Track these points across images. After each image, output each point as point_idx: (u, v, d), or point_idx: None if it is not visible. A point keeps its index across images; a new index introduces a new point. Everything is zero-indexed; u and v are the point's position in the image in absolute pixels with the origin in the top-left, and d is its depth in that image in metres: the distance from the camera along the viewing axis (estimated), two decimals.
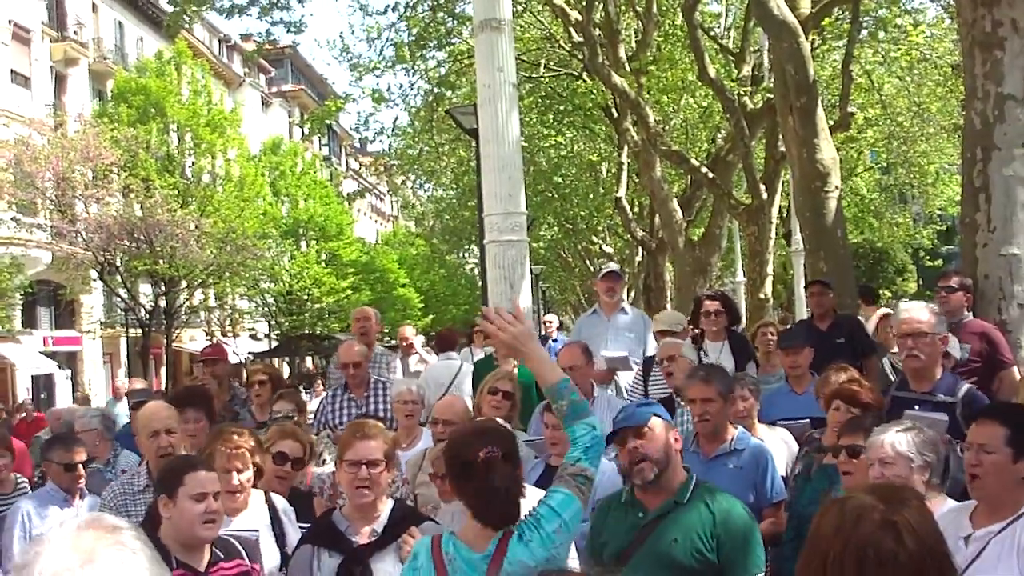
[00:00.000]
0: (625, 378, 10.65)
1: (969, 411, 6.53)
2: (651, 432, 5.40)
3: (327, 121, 32.11)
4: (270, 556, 5.91)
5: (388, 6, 26.81)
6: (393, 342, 25.03)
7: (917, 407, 6.80)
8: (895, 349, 11.80)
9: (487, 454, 4.50)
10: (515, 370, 9.61)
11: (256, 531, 5.92)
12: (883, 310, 14.24)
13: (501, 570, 4.32)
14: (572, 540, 4.57)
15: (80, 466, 7.98)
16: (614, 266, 13.10)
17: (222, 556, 5.31)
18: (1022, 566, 4.62)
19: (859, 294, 14.92)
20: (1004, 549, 4.71)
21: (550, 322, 20.02)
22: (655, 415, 5.52)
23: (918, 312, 7.20)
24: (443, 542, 4.45)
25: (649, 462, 5.33)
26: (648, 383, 10.31)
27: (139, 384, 20.97)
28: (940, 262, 51.67)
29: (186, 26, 32.06)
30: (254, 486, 6.26)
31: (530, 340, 4.90)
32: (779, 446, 7.65)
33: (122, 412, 16.71)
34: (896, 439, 5.14)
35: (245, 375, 12.41)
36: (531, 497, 5.87)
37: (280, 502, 6.39)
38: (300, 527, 6.28)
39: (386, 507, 5.51)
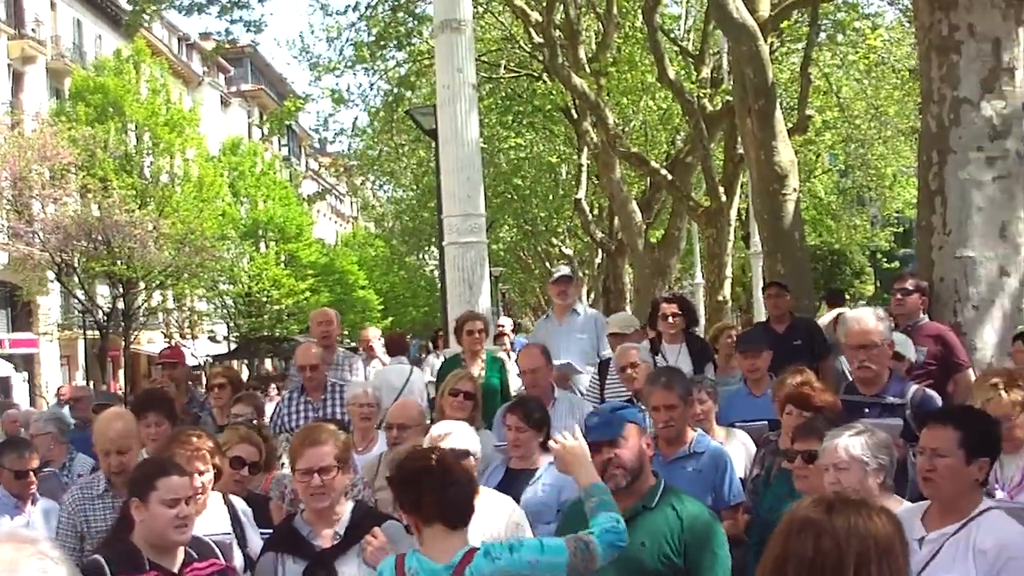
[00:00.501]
0: (582, 381, 10.64)
1: (919, 413, 6.59)
2: (625, 441, 5.37)
3: (287, 122, 32.02)
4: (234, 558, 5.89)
5: (348, 6, 26.78)
6: (353, 344, 24.94)
7: (867, 410, 6.86)
8: None
9: (438, 455, 4.63)
10: (481, 371, 9.65)
11: (229, 533, 5.96)
12: (835, 311, 14.30)
13: None
14: None
15: (32, 472, 7.85)
16: (566, 269, 13.11)
17: (195, 556, 5.29)
18: (978, 566, 4.65)
19: (827, 297, 14.94)
20: (959, 550, 4.74)
21: (503, 326, 19.98)
22: (629, 421, 5.51)
23: (867, 322, 7.21)
24: (407, 558, 4.48)
25: (623, 469, 5.31)
26: (604, 387, 10.31)
27: (81, 388, 20.61)
28: (897, 264, 51.98)
29: (145, 24, 31.87)
30: (213, 488, 6.24)
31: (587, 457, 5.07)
32: (737, 448, 7.67)
33: (65, 416, 16.57)
34: (849, 443, 5.15)
35: (204, 378, 12.35)
36: (488, 498, 5.87)
37: (239, 503, 6.39)
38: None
39: (347, 509, 5.49)
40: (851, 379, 7.73)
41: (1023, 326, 9.08)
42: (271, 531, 6.06)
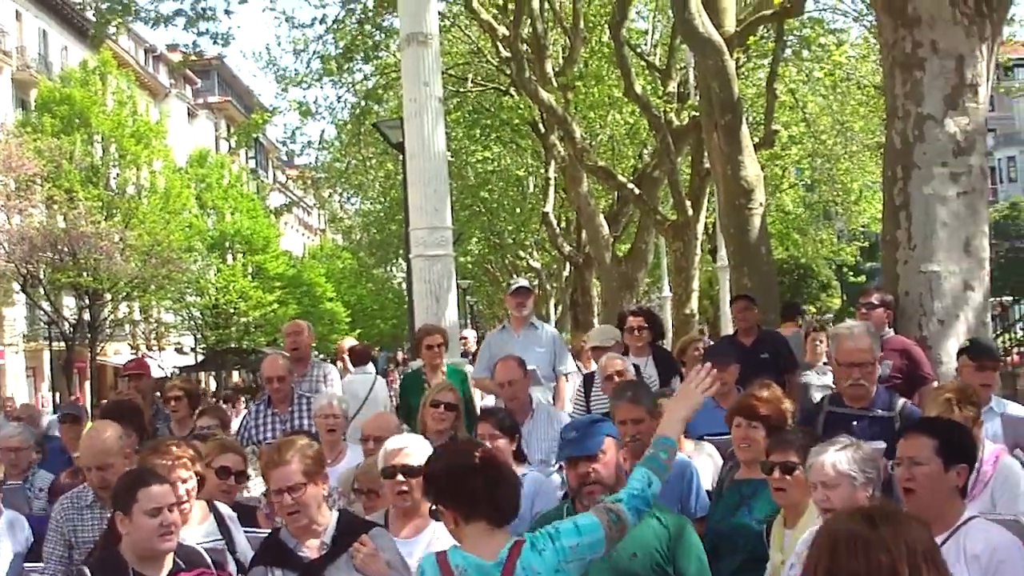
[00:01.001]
0: (536, 392, 10.59)
1: (907, 425, 6.59)
2: (603, 456, 5.36)
3: (254, 134, 31.96)
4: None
5: (315, 19, 26.89)
6: (323, 356, 24.86)
7: (855, 423, 6.86)
8: (820, 363, 11.95)
9: (483, 452, 4.57)
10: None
11: (220, 539, 5.99)
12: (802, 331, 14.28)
13: (515, 574, 4.27)
14: (583, 567, 4.52)
15: None
16: (523, 282, 13.06)
17: (183, 565, 5.29)
18: (971, 571, 4.69)
19: (784, 311, 14.96)
20: (950, 559, 4.73)
21: (466, 338, 19.97)
22: (608, 435, 5.51)
23: (861, 339, 7.18)
24: (450, 556, 4.35)
25: (601, 485, 5.27)
26: (590, 399, 10.32)
27: (28, 407, 20.24)
28: (863, 278, 52.33)
29: (111, 36, 31.75)
30: (198, 496, 6.24)
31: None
32: (705, 461, 7.69)
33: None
34: (836, 459, 5.13)
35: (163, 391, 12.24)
36: None
37: (225, 509, 6.40)
38: (246, 532, 6.31)
39: (331, 518, 5.47)
40: (830, 393, 7.75)
41: (966, 341, 9.10)
42: (259, 532, 6.07)
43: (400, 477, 5.79)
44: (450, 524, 4.45)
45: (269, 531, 5.96)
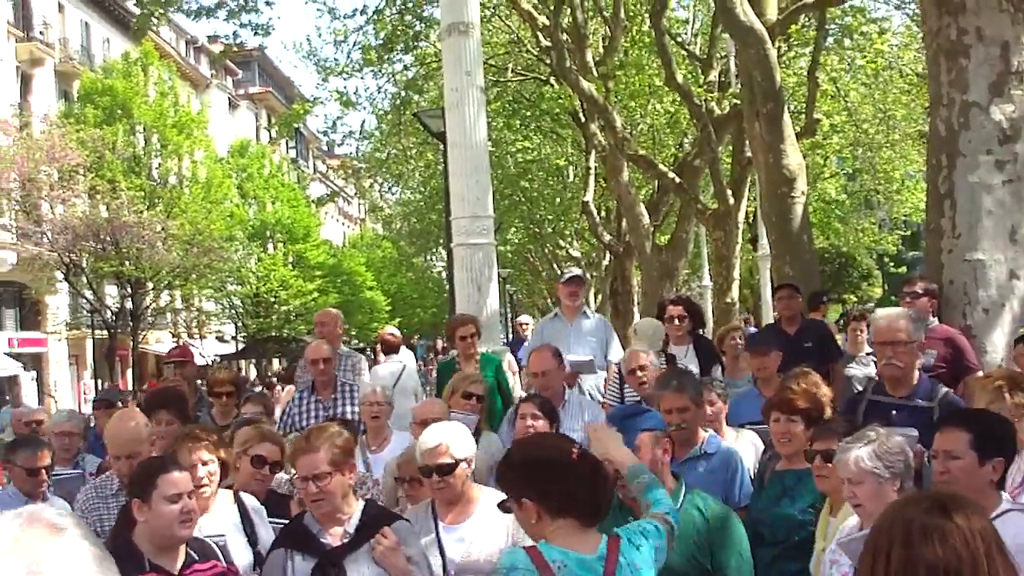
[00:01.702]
0: (588, 381, 10.60)
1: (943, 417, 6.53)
2: (638, 452, 5.35)
3: (294, 125, 32.06)
4: (241, 555, 5.90)
5: (355, 9, 26.89)
6: (361, 344, 24.95)
7: (895, 412, 6.81)
8: (862, 353, 11.92)
9: (580, 449, 4.50)
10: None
11: (223, 535, 5.89)
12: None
13: (619, 568, 4.23)
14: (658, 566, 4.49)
15: (43, 471, 7.80)
16: (577, 270, 13.00)
17: (197, 557, 5.27)
18: None
19: (809, 300, 14.89)
20: None
21: (525, 324, 19.89)
22: (645, 429, 5.50)
23: (896, 320, 7.14)
24: (544, 551, 4.21)
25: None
26: (624, 388, 10.29)
27: (37, 411, 20.21)
28: (905, 268, 51.98)
29: (154, 28, 31.90)
30: (228, 486, 6.25)
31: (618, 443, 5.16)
32: (747, 449, 7.66)
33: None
34: (859, 455, 5.03)
35: (208, 380, 12.28)
36: (487, 495, 5.87)
37: (250, 500, 6.35)
38: (275, 523, 6.27)
39: (357, 508, 5.47)
40: (873, 383, 7.70)
41: (1021, 330, 9.06)
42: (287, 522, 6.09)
43: (436, 477, 5.76)
44: (531, 518, 4.33)
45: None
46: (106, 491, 6.86)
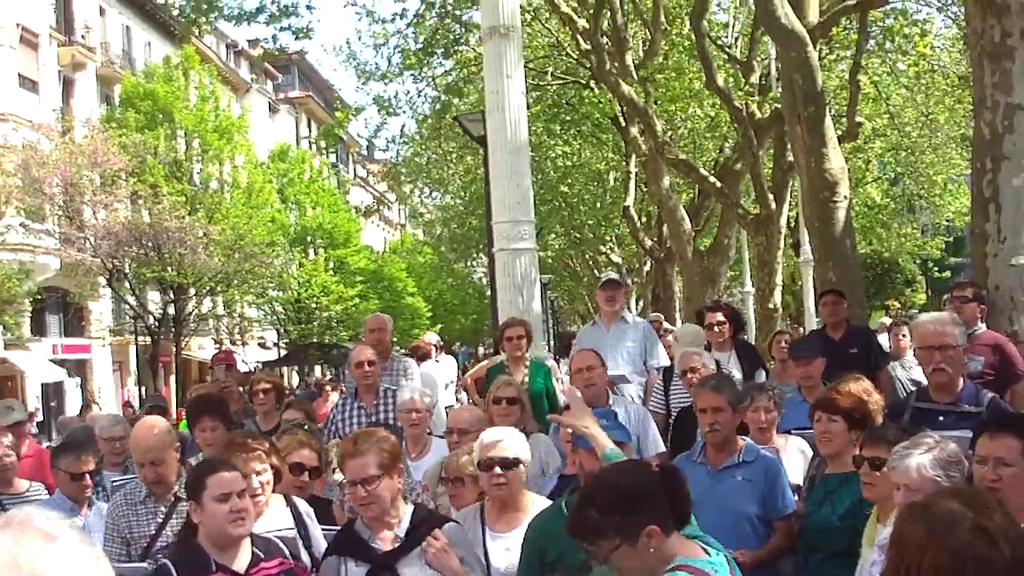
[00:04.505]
0: (627, 388, 10.52)
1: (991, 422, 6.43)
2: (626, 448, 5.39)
3: (336, 131, 32.18)
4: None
5: (395, 13, 26.94)
6: (403, 351, 24.97)
7: (942, 418, 6.70)
8: (906, 357, 11.83)
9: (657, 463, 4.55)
10: (524, 377, 9.63)
11: (292, 528, 5.98)
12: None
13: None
14: None
15: (87, 475, 7.84)
16: (613, 275, 12.93)
17: (262, 556, 5.32)
18: None
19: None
20: None
21: (659, 320, 19.70)
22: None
23: (943, 324, 7.05)
24: (698, 565, 4.08)
25: None
26: (669, 393, 10.26)
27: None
28: (948, 273, 51.64)
29: (196, 35, 32.03)
30: (275, 490, 6.26)
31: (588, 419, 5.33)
32: (795, 455, 7.62)
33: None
34: (920, 462, 4.97)
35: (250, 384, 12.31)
36: (539, 506, 5.85)
37: (302, 505, 6.38)
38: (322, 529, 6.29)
39: (406, 512, 5.48)
40: (917, 389, 7.62)
41: None
42: (334, 528, 6.09)
43: (497, 470, 5.78)
44: (653, 544, 4.10)
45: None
46: (134, 497, 6.88)
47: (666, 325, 19.64)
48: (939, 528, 3.05)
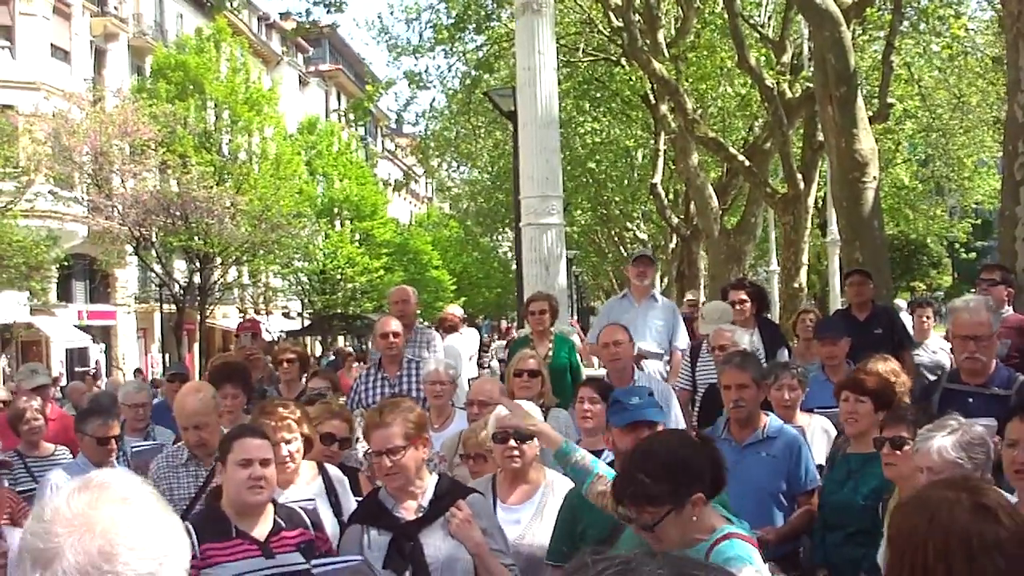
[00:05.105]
0: (650, 365, 10.54)
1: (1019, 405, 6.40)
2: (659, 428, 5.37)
3: (367, 106, 32.19)
4: (327, 525, 5.93)
5: None
6: (427, 323, 25.02)
7: (971, 400, 6.66)
8: (928, 340, 11.80)
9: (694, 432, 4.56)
10: (548, 351, 9.66)
11: (312, 500, 5.98)
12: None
13: None
14: None
15: (113, 440, 7.89)
16: (646, 251, 12.89)
17: (284, 525, 5.37)
18: None
19: None
20: None
21: (696, 303, 19.67)
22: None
23: (979, 313, 6.97)
24: (743, 531, 4.22)
25: None
26: (696, 370, 10.30)
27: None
28: (975, 256, 51.40)
29: (231, 7, 32.04)
30: (306, 457, 6.30)
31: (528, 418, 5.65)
32: (818, 434, 7.64)
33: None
34: (943, 444, 4.93)
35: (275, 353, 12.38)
36: (554, 480, 5.87)
37: (334, 471, 6.44)
38: None
39: (430, 482, 5.48)
40: (948, 370, 7.59)
41: None
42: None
43: (512, 443, 5.80)
44: (697, 511, 4.19)
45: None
46: (176, 461, 6.94)
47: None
48: (940, 515, 3.05)
